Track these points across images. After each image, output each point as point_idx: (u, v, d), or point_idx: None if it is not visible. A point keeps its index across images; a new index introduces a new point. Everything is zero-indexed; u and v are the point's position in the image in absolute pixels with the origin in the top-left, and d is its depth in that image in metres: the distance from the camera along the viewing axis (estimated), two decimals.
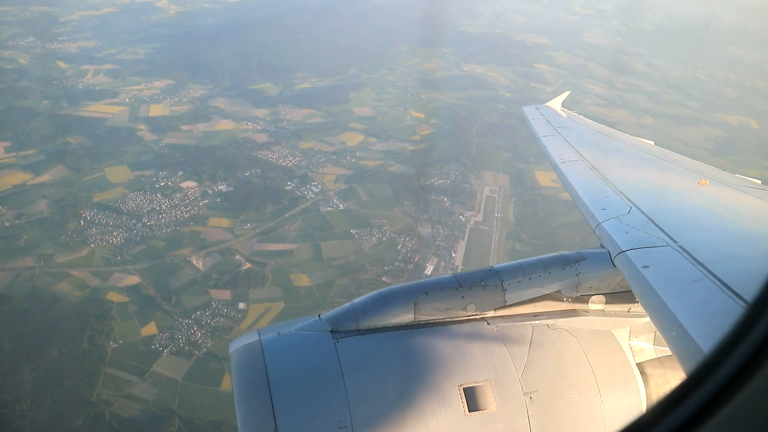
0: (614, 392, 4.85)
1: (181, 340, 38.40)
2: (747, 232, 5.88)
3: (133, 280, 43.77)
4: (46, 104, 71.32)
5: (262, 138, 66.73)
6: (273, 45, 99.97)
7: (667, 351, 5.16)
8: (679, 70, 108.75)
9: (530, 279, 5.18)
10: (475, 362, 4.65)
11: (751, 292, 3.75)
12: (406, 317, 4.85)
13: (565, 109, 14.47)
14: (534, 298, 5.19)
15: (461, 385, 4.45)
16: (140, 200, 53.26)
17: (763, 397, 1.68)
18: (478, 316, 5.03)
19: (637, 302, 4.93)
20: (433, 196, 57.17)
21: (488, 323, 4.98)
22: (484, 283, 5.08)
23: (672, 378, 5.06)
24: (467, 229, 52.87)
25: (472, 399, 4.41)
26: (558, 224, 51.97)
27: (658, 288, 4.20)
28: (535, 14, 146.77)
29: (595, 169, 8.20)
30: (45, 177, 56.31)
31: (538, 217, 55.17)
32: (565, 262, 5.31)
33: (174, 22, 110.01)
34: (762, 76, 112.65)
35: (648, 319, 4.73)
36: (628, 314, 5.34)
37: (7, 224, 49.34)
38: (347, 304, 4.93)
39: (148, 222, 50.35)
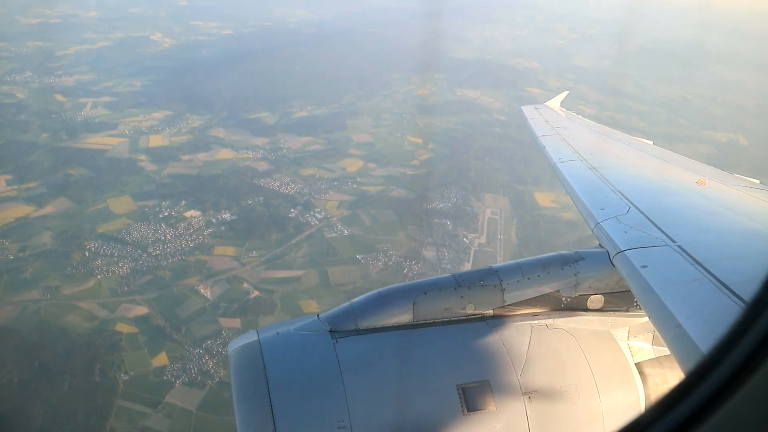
0: (613, 392, 4.85)
1: (193, 370, 38.14)
2: (746, 232, 5.84)
3: (142, 310, 43.57)
4: (46, 137, 71.49)
5: (263, 166, 67.20)
6: (268, 75, 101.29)
7: (665, 351, 5.18)
8: (667, 90, 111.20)
9: (529, 279, 5.18)
10: (473, 362, 4.67)
11: (749, 291, 3.73)
12: (405, 317, 4.85)
13: (564, 109, 14.68)
14: (533, 298, 5.19)
15: (460, 385, 4.44)
16: (144, 230, 53.26)
17: (762, 397, 1.68)
18: (477, 316, 5.03)
19: (636, 302, 4.96)
20: (436, 220, 57.71)
21: (487, 323, 4.97)
22: (483, 283, 5.08)
23: (670, 378, 5.07)
24: (472, 251, 53.29)
25: (471, 399, 4.40)
26: (560, 243, 52.43)
27: (656, 288, 4.19)
28: (524, 39, 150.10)
29: (594, 168, 8.21)
30: (48, 209, 56.25)
31: (541, 237, 55.78)
32: (563, 262, 5.32)
33: (169, 55, 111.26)
34: (747, 94, 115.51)
35: (647, 318, 4.70)
36: (627, 314, 5.36)
37: (11, 257, 49.07)
38: (346, 304, 4.93)
39: (153, 252, 50.30)
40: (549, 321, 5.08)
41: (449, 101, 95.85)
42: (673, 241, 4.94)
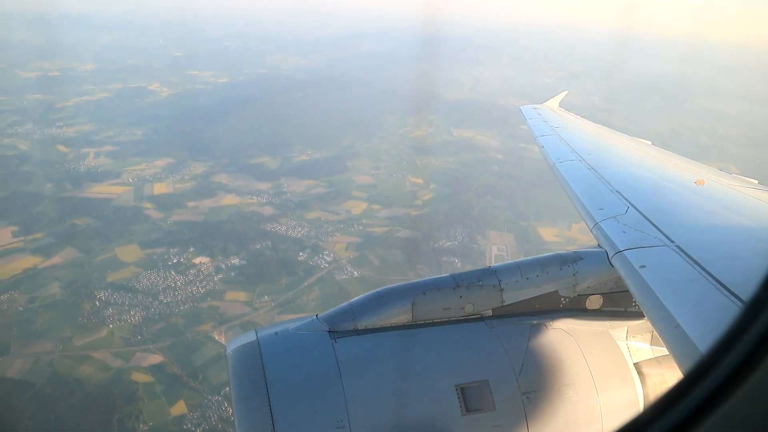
0: (611, 392, 4.86)
1: (213, 418, 37.70)
2: (744, 232, 5.80)
3: (156, 358, 43.25)
4: (50, 188, 71.78)
5: (268, 211, 67.75)
6: (267, 121, 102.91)
7: (664, 350, 5.17)
8: (655, 123, 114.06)
9: (528, 279, 5.17)
10: (472, 362, 4.68)
11: (747, 291, 3.74)
12: (404, 317, 4.84)
13: (563, 109, 14.77)
14: (532, 298, 5.19)
15: (459, 384, 4.44)
16: (154, 278, 53.22)
17: (760, 396, 1.68)
18: (475, 316, 5.03)
19: (635, 302, 4.97)
20: (444, 258, 58.21)
21: (486, 323, 4.97)
22: (482, 283, 5.08)
23: (669, 377, 5.07)
24: None
25: (470, 399, 4.40)
26: None
27: (655, 288, 4.18)
28: (512, 79, 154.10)
29: (593, 168, 8.19)
30: (55, 259, 56.11)
31: None
32: (562, 262, 5.32)
33: (167, 104, 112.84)
34: (732, 124, 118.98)
35: (645, 318, 4.63)
36: (626, 314, 5.37)
37: (21, 309, 48.70)
38: (345, 304, 4.91)
39: (164, 299, 50.19)
40: (548, 321, 5.08)
41: (446, 141, 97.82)
42: (672, 241, 4.94)
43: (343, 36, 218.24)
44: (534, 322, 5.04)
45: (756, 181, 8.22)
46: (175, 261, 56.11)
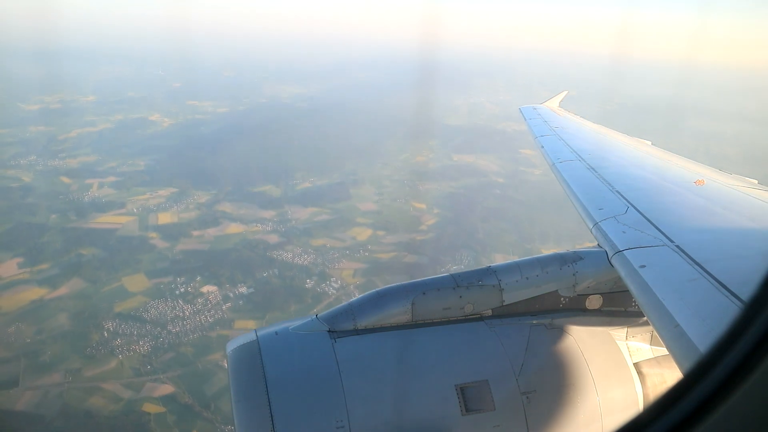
0: (611, 392, 4.85)
1: None
2: (744, 232, 5.77)
3: (167, 389, 42.88)
4: (55, 219, 71.84)
5: (273, 238, 67.83)
6: (268, 149, 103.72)
7: (663, 350, 5.15)
8: (650, 143, 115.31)
9: (527, 279, 5.16)
10: (472, 362, 4.67)
11: (747, 291, 3.75)
12: (404, 317, 4.83)
13: (562, 109, 14.86)
14: (531, 298, 5.18)
15: (458, 384, 4.43)
16: (162, 308, 53.03)
17: (760, 396, 1.69)
18: (475, 316, 5.02)
19: (634, 302, 4.92)
20: None
21: (486, 323, 4.96)
22: (482, 282, 5.07)
23: (669, 377, 5.07)
24: None
25: (470, 399, 4.40)
26: None
27: (655, 287, 4.17)
28: (508, 104, 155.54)
29: (592, 168, 8.21)
30: (62, 290, 55.90)
31: None
32: (562, 262, 5.31)
33: (169, 134, 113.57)
34: (728, 143, 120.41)
35: (645, 318, 4.62)
36: (625, 314, 5.38)
37: (29, 341, 48.35)
38: (345, 304, 4.92)
39: (173, 329, 49.95)
40: (547, 321, 5.08)
41: (447, 166, 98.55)
42: (672, 241, 4.95)
43: (340, 65, 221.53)
44: (534, 322, 5.05)
45: (756, 181, 8.24)
46: (182, 290, 55.97)
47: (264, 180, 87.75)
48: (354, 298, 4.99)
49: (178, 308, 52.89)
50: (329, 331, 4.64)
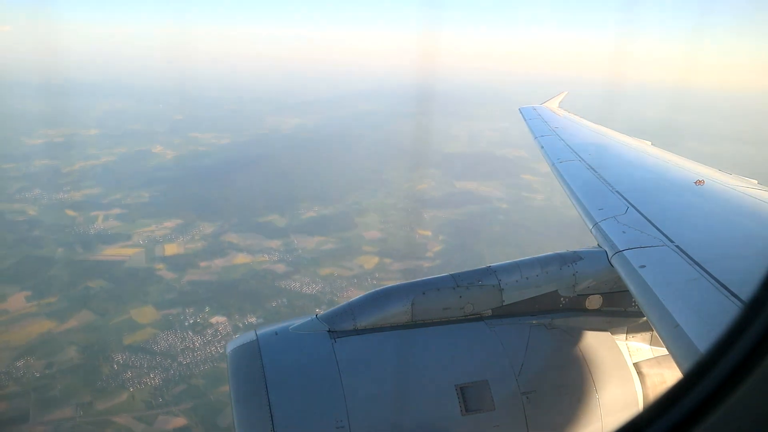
0: (611, 392, 4.84)
1: None
2: (744, 232, 5.75)
3: (180, 421, 42.50)
4: (61, 251, 71.84)
5: (281, 268, 67.88)
6: (272, 179, 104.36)
7: (663, 350, 5.13)
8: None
9: (527, 279, 5.14)
10: (472, 362, 4.66)
11: (747, 291, 3.74)
12: (404, 317, 4.81)
13: (562, 109, 14.84)
14: (531, 298, 5.15)
15: (458, 384, 4.42)
16: (172, 339, 52.79)
17: (759, 396, 1.69)
18: (475, 316, 5.00)
19: (634, 302, 4.88)
20: None
21: (485, 323, 4.93)
22: (482, 282, 5.04)
23: (668, 377, 5.06)
24: None
25: (469, 399, 4.39)
26: None
27: (654, 287, 4.16)
28: (506, 130, 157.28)
29: (592, 168, 8.18)
30: (71, 323, 55.64)
31: None
32: (562, 262, 5.28)
33: (172, 166, 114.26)
34: (724, 165, 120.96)
35: (645, 318, 4.63)
36: (625, 314, 5.35)
37: (38, 375, 47.96)
38: (344, 304, 4.88)
39: (183, 361, 49.65)
40: (547, 321, 5.07)
41: (450, 193, 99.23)
42: (671, 241, 4.94)
43: (338, 96, 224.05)
44: (534, 322, 5.04)
45: (756, 181, 8.17)
46: (191, 321, 55.78)
47: (269, 210, 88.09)
48: (354, 299, 4.94)
49: (188, 339, 52.63)
50: (329, 331, 4.61)
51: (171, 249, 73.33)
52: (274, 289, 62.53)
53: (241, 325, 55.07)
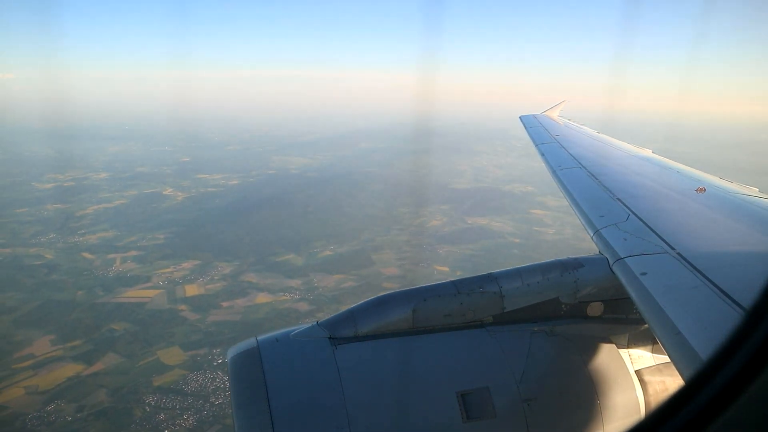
0: (612, 399, 4.83)
1: None
2: (745, 240, 5.74)
3: None
4: (81, 294, 71.87)
5: (303, 306, 68.04)
6: (285, 219, 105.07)
7: (665, 358, 5.12)
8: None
9: (529, 285, 5.13)
10: (473, 369, 4.65)
11: (748, 299, 3.74)
12: (405, 323, 4.80)
13: (563, 117, 14.94)
14: (532, 305, 5.14)
15: (459, 391, 4.41)
16: (201, 380, 52.58)
17: (762, 404, 1.68)
18: (476, 323, 4.99)
19: (635, 309, 4.81)
20: None
21: (486, 330, 4.93)
22: (483, 289, 5.04)
23: (670, 385, 5.05)
24: None
25: (470, 406, 4.38)
26: None
27: (656, 295, 4.15)
28: (512, 166, 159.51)
29: (593, 176, 8.22)
30: (98, 366, 55.43)
31: None
32: (563, 269, 5.28)
33: (184, 207, 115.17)
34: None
35: (646, 326, 4.56)
36: (627, 321, 5.34)
37: (70, 419, 47.56)
38: (345, 310, 4.89)
39: (215, 401, 49.36)
40: (548, 328, 5.07)
41: (462, 229, 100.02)
42: (673, 249, 4.94)
43: (344, 136, 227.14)
44: (535, 328, 5.04)
45: (756, 189, 8.19)
46: (219, 361, 55.56)
47: (285, 249, 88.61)
48: (355, 305, 4.96)
49: (218, 379, 52.40)
50: (330, 338, 4.61)
51: (191, 290, 73.47)
52: None
53: None
